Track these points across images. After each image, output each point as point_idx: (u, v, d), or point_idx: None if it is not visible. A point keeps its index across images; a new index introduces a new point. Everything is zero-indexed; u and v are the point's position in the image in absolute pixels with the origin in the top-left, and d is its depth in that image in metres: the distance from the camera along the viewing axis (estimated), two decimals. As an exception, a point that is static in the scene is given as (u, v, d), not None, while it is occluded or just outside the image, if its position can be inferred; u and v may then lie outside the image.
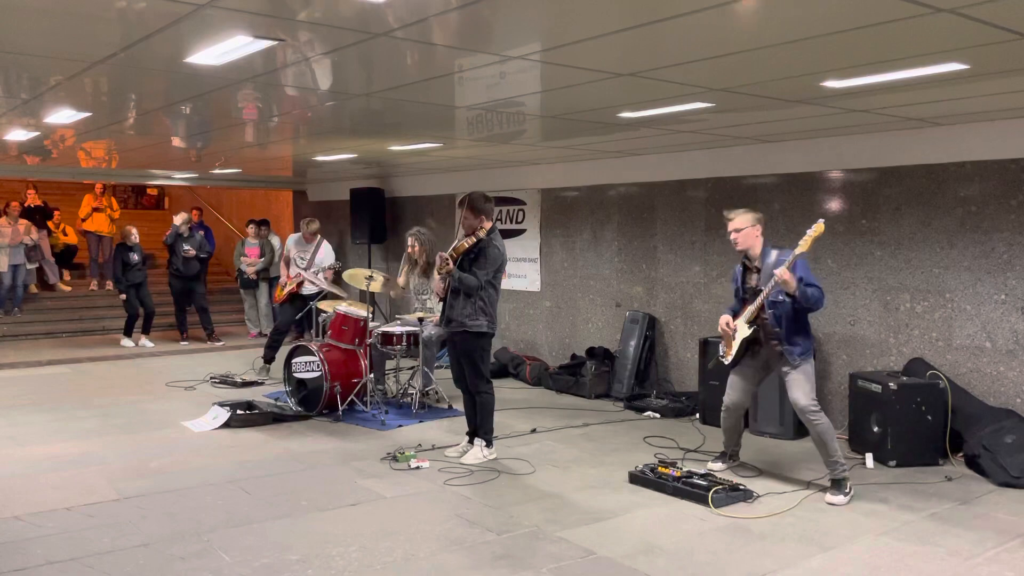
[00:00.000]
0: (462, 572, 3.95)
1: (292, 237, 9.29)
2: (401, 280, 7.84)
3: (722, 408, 5.56)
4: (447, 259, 5.62)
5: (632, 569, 4.00)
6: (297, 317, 8.90)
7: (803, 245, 4.87)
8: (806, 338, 5.14)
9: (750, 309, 5.16)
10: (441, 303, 6.02)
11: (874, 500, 5.05)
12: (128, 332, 11.14)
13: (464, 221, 5.72)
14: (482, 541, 4.34)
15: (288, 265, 9.04)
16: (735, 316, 5.31)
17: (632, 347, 8.21)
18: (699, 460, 5.83)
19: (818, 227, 4.87)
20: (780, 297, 5.03)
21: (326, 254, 8.95)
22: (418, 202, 11.52)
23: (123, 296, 10.94)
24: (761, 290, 5.10)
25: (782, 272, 4.85)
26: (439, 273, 5.73)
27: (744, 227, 5.19)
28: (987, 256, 5.98)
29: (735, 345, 5.29)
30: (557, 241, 9.41)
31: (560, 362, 9.03)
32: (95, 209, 13.55)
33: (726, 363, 5.41)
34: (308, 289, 8.79)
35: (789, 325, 5.07)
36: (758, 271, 5.21)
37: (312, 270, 8.72)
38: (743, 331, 5.22)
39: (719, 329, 5.42)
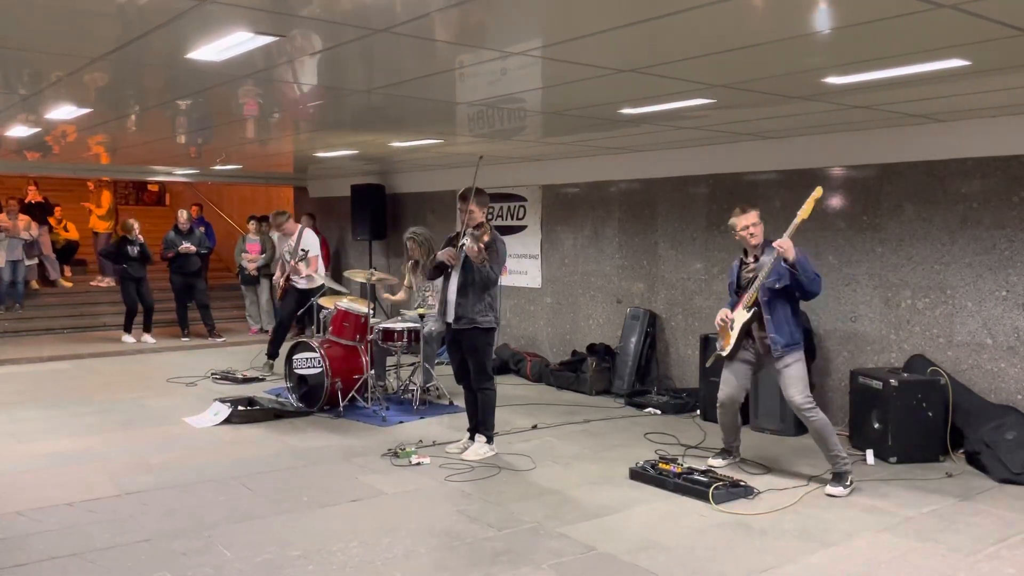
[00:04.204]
0: (463, 568, 3.95)
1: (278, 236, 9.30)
2: (406, 281, 7.88)
3: (717, 404, 5.58)
4: (483, 251, 5.49)
5: (633, 565, 4.01)
6: (299, 313, 8.90)
7: (804, 212, 4.91)
8: (793, 330, 5.16)
9: (748, 294, 5.18)
10: (438, 295, 5.94)
11: (875, 496, 5.05)
12: (128, 328, 11.15)
13: (470, 215, 5.67)
14: (483, 537, 4.34)
15: (281, 263, 9.06)
16: (732, 309, 5.35)
17: (633, 343, 8.21)
18: (700, 456, 5.83)
19: (817, 191, 4.90)
20: (777, 284, 5.07)
21: (308, 242, 8.90)
22: (419, 198, 11.51)
23: (123, 267, 10.84)
24: (757, 276, 5.14)
25: (782, 240, 4.89)
26: (481, 261, 5.50)
27: (759, 223, 5.25)
28: (988, 252, 5.98)
29: (733, 334, 5.30)
30: (558, 237, 9.40)
31: (561, 358, 9.03)
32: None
33: (724, 355, 5.43)
34: (300, 283, 8.80)
35: (778, 313, 5.11)
36: (755, 259, 5.25)
37: (298, 258, 8.73)
38: (741, 316, 5.24)
39: (716, 323, 5.44)
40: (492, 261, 5.58)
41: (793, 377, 5.11)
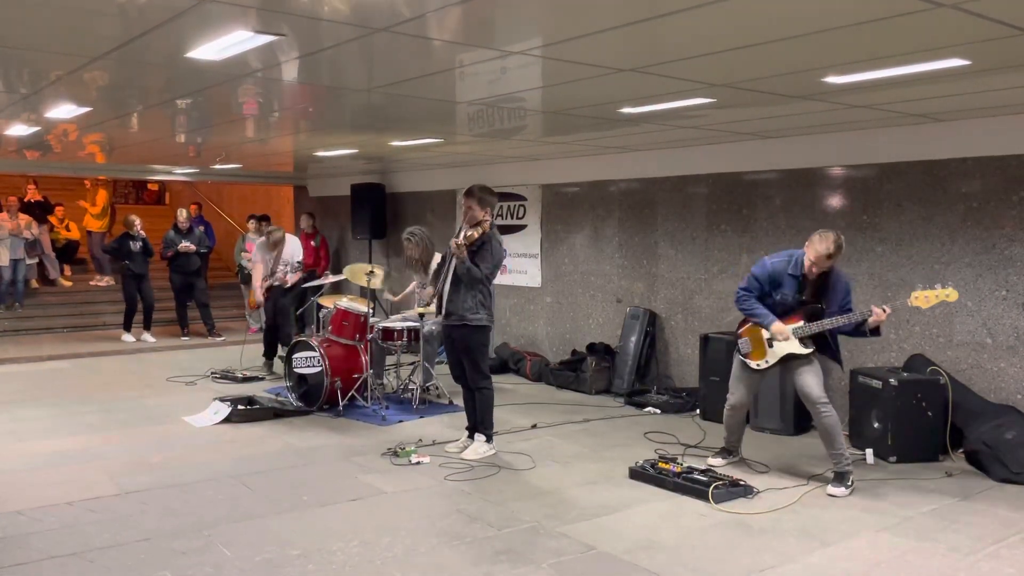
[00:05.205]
0: (462, 567, 3.95)
1: (259, 242, 9.19)
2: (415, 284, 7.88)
3: (727, 406, 5.57)
4: (462, 246, 5.52)
5: (632, 564, 4.01)
6: (299, 312, 8.91)
7: (923, 302, 5.02)
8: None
9: (809, 327, 5.10)
10: (433, 300, 5.98)
11: (874, 496, 5.05)
12: (128, 327, 11.15)
13: (468, 212, 5.68)
14: (483, 536, 4.34)
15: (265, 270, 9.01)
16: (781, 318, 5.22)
17: (633, 343, 8.21)
18: (699, 456, 5.84)
19: (951, 294, 5.02)
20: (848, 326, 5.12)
21: (294, 249, 8.89)
22: (419, 198, 11.51)
23: (125, 263, 10.84)
24: (821, 306, 5.13)
25: (884, 314, 4.97)
26: (459, 257, 5.54)
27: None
28: (988, 252, 5.98)
29: (773, 353, 5.24)
30: (558, 237, 9.40)
31: (561, 358, 9.03)
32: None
33: (755, 367, 5.36)
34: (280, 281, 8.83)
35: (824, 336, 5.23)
36: (819, 286, 5.18)
37: (281, 266, 8.72)
38: (792, 346, 5.15)
39: (775, 332, 5.18)
40: (481, 260, 5.58)
41: (814, 372, 5.14)
